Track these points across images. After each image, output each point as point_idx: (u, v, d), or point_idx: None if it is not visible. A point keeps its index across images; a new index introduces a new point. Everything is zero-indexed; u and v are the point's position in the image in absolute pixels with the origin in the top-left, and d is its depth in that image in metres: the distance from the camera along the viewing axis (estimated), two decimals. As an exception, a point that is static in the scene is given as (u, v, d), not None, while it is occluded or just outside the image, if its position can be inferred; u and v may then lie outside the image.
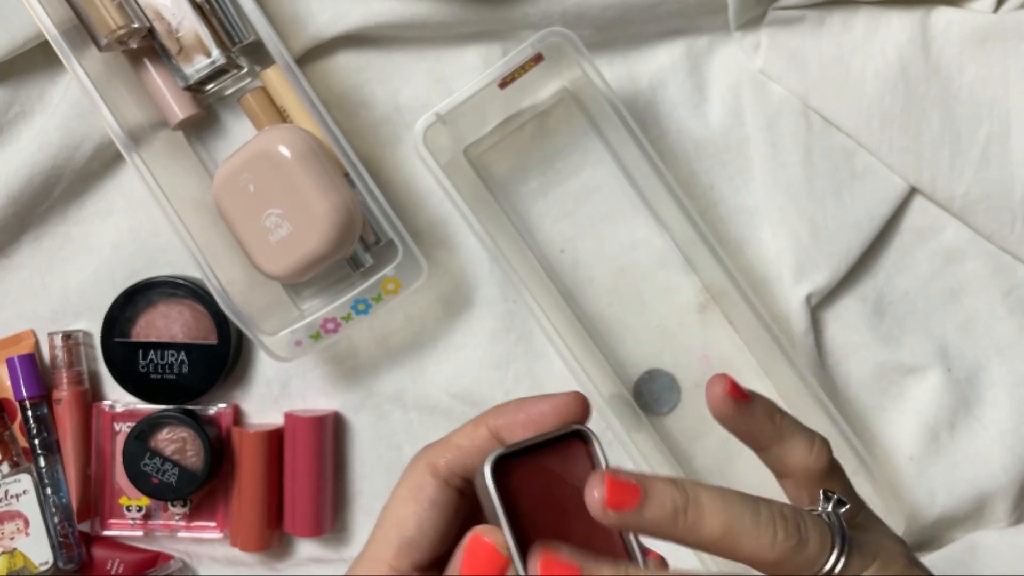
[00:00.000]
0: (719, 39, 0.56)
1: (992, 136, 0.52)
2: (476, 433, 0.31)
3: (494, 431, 0.31)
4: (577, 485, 0.29)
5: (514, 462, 0.29)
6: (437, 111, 0.50)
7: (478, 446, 0.30)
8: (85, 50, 0.51)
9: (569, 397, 0.31)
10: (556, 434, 0.29)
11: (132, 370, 0.57)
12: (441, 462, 0.30)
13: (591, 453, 0.30)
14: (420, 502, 0.30)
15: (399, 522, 0.30)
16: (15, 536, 0.58)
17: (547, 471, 0.29)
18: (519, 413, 0.30)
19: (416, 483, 0.30)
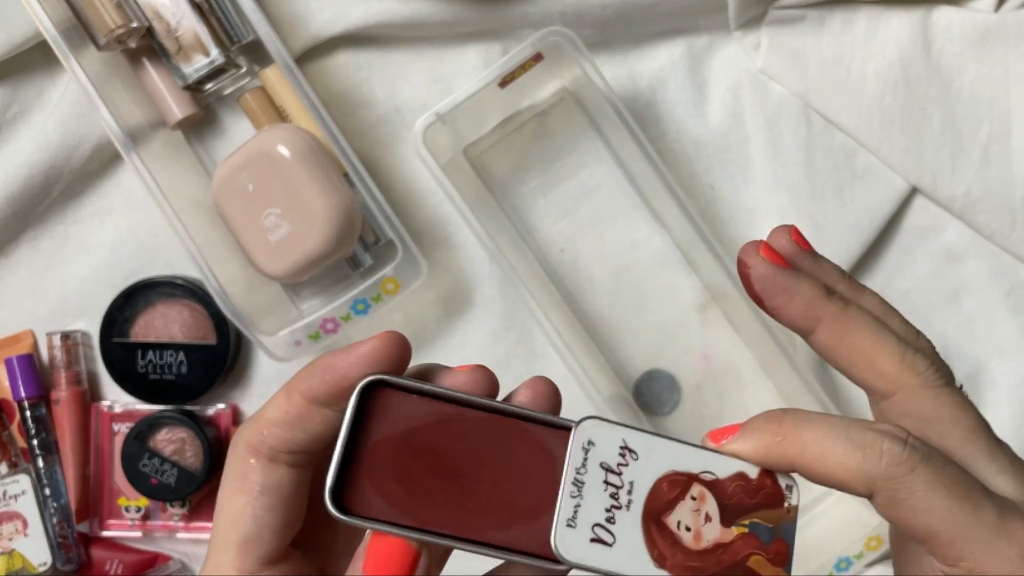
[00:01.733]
0: (719, 39, 0.56)
1: (993, 136, 0.52)
2: (289, 403, 0.27)
3: (308, 396, 0.26)
4: (424, 424, 0.26)
5: (349, 462, 0.25)
6: (437, 111, 0.50)
7: (294, 417, 0.27)
8: (84, 49, 0.51)
9: (378, 339, 0.27)
10: (353, 407, 0.25)
11: (131, 370, 0.57)
12: (258, 441, 0.27)
13: (402, 388, 0.26)
14: (248, 492, 0.27)
15: (233, 519, 0.27)
16: (13, 537, 0.58)
17: (386, 442, 0.26)
18: (327, 373, 0.26)
19: (239, 471, 0.27)
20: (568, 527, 0.25)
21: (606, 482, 0.26)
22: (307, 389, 0.27)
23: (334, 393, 0.26)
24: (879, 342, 0.27)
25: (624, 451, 0.26)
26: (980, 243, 0.55)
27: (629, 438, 0.26)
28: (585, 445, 0.26)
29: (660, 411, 0.57)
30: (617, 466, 0.26)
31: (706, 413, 0.57)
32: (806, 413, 0.26)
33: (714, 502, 0.26)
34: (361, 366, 0.26)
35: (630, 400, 0.56)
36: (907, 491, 0.24)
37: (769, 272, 0.28)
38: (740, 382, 0.57)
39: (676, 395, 0.57)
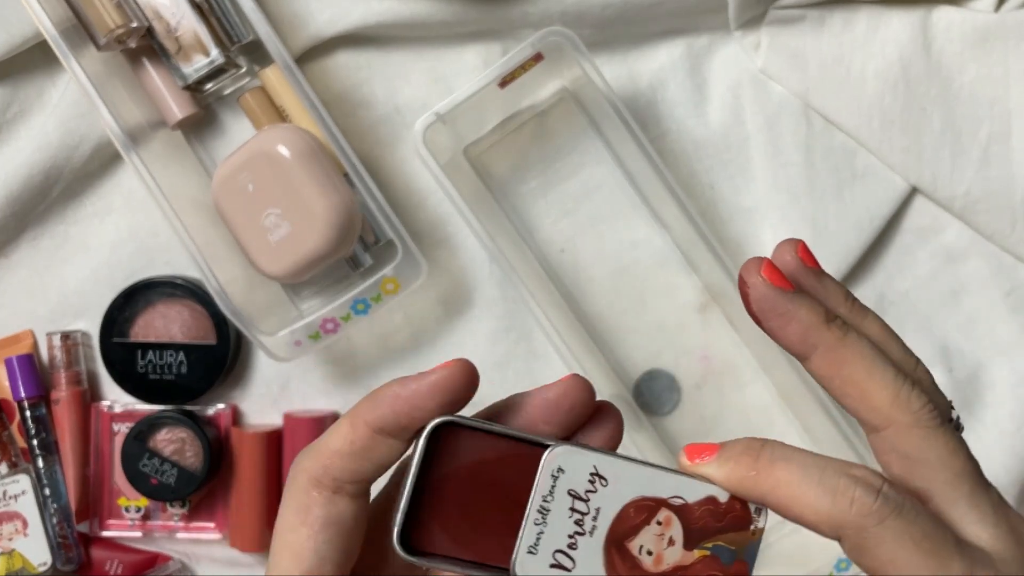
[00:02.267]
0: (719, 39, 0.56)
1: (993, 136, 0.52)
2: (355, 435, 0.26)
3: (375, 427, 0.26)
4: (482, 458, 0.26)
5: (419, 504, 0.26)
6: (437, 111, 0.50)
7: (359, 448, 0.26)
8: (84, 49, 0.51)
9: (450, 368, 0.26)
10: (422, 452, 0.26)
11: (131, 370, 0.57)
12: (322, 474, 0.26)
13: (465, 425, 0.26)
14: (311, 525, 0.26)
15: (295, 553, 0.26)
16: (13, 537, 0.58)
17: (449, 479, 0.26)
18: (397, 403, 0.26)
19: (301, 503, 0.26)
20: (529, 554, 0.26)
21: (572, 508, 0.26)
22: (374, 419, 0.26)
23: (404, 424, 0.26)
24: (874, 376, 0.26)
25: (594, 478, 0.26)
26: (980, 243, 0.55)
27: (601, 464, 0.26)
28: (554, 472, 0.26)
29: (660, 411, 0.57)
30: (585, 492, 0.26)
31: (706, 413, 0.57)
32: (784, 449, 0.26)
33: (679, 526, 0.27)
34: (433, 396, 0.26)
35: (630, 400, 0.56)
36: (874, 541, 0.24)
37: (768, 294, 0.28)
38: (740, 382, 0.57)
39: (676, 395, 0.57)
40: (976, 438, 0.55)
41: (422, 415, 0.26)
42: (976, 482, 0.26)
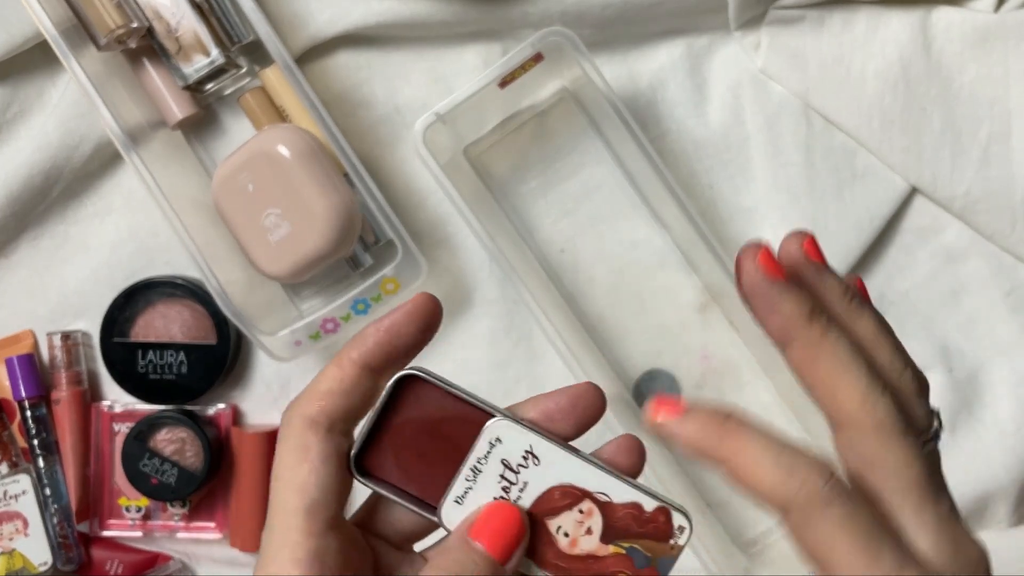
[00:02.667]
0: (719, 39, 0.56)
1: (993, 136, 0.52)
2: (344, 373, 0.29)
3: (360, 363, 0.29)
4: (439, 413, 0.29)
5: (376, 436, 0.29)
6: (437, 111, 0.50)
7: (349, 386, 0.29)
8: (84, 49, 0.51)
9: (417, 298, 0.30)
10: (388, 391, 0.29)
11: (131, 370, 0.57)
12: (316, 413, 0.29)
13: (431, 381, 0.30)
14: (311, 461, 0.28)
15: (298, 487, 0.28)
16: (14, 537, 0.58)
17: (407, 423, 0.29)
18: (376, 334, 0.29)
19: (299, 443, 0.29)
20: (455, 503, 0.29)
21: (502, 476, 0.29)
22: (360, 356, 0.29)
23: (387, 354, 0.29)
24: (844, 378, 0.27)
25: (528, 455, 0.29)
26: (980, 243, 0.55)
27: (536, 446, 0.29)
28: (492, 441, 0.29)
29: (660, 411, 0.57)
30: (517, 466, 0.29)
31: (706, 413, 0.57)
32: (748, 424, 0.27)
33: (600, 519, 0.29)
34: (409, 322, 0.29)
35: (630, 400, 0.56)
36: (814, 523, 0.25)
37: (757, 282, 0.28)
38: (740, 382, 0.57)
39: (676, 395, 0.57)
40: (976, 438, 0.55)
41: (402, 342, 0.29)
42: (927, 493, 0.27)
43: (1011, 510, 0.55)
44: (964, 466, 0.55)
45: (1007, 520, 0.55)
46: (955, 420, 0.55)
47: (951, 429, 0.55)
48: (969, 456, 0.55)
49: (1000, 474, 0.55)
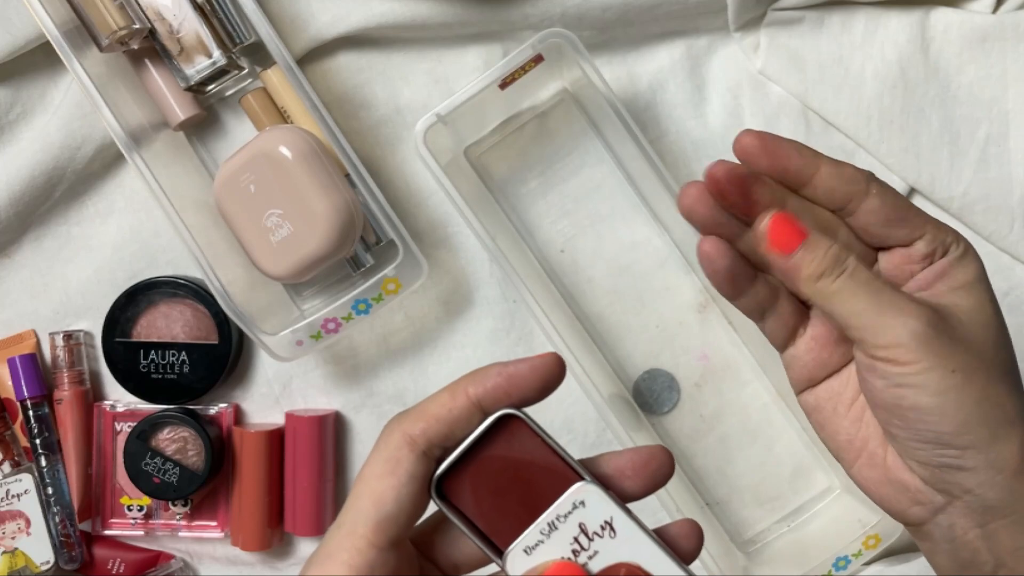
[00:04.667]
0: (719, 40, 0.56)
1: (991, 137, 0.52)
2: (455, 403, 0.30)
3: (474, 400, 0.30)
4: (529, 459, 0.30)
5: (463, 465, 0.30)
6: (437, 112, 0.51)
7: (456, 416, 0.30)
8: (86, 51, 0.51)
9: (547, 358, 0.30)
10: (487, 425, 0.30)
11: (133, 370, 0.57)
12: (418, 434, 0.29)
13: (530, 426, 0.30)
14: (398, 476, 0.29)
15: (377, 497, 0.29)
16: (16, 536, 0.58)
17: (495, 460, 0.30)
18: (498, 379, 0.30)
19: (392, 456, 0.29)
20: (524, 552, 0.29)
21: (576, 539, 0.29)
22: (476, 392, 0.30)
23: (500, 399, 0.30)
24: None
25: (606, 526, 0.29)
26: (978, 243, 0.55)
27: (616, 519, 0.29)
28: (576, 503, 0.29)
29: (659, 410, 0.57)
30: (592, 533, 0.29)
31: (705, 412, 0.57)
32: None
33: None
34: (532, 378, 0.30)
35: (629, 400, 0.57)
36: (840, 283, 0.31)
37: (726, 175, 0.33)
38: (739, 381, 0.57)
39: (675, 394, 0.57)
40: (974, 437, 0.55)
41: (520, 394, 0.30)
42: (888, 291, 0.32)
43: (1009, 509, 0.55)
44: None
45: (1005, 519, 0.55)
46: (953, 419, 0.55)
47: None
48: (967, 455, 0.55)
49: (998, 473, 0.55)
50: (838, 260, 0.31)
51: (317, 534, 0.58)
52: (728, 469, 0.56)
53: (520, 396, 0.30)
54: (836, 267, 0.31)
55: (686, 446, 0.57)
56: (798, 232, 0.32)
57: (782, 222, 0.32)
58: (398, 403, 0.58)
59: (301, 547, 0.60)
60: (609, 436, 0.57)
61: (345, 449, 0.59)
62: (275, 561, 0.60)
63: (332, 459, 0.58)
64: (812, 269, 0.32)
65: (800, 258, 0.32)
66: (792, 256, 0.32)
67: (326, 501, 0.58)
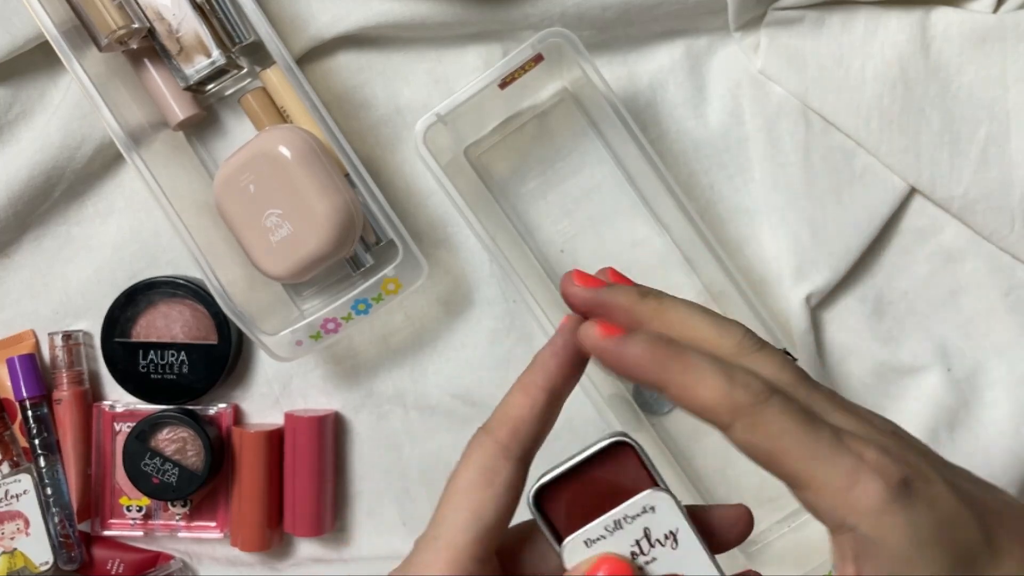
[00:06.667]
0: (719, 39, 0.56)
1: (991, 136, 0.52)
2: (532, 400, 0.30)
3: (548, 389, 0.30)
4: (627, 483, 0.30)
5: (564, 479, 0.30)
6: (437, 111, 0.51)
7: (539, 413, 0.30)
8: (85, 50, 0.51)
9: (569, 322, 0.31)
10: (600, 448, 0.30)
11: (132, 370, 0.57)
12: (509, 440, 0.29)
13: (636, 453, 0.30)
14: (496, 486, 0.29)
15: (477, 508, 0.29)
16: (15, 536, 0.58)
17: (594, 479, 0.30)
18: (554, 359, 0.30)
19: (488, 466, 0.29)
20: (584, 543, 0.29)
21: (638, 542, 0.29)
22: (545, 382, 0.30)
23: (568, 373, 0.30)
24: (697, 322, 0.29)
25: (670, 536, 0.29)
26: (979, 243, 0.55)
27: (682, 532, 0.29)
28: (647, 507, 0.29)
29: (659, 411, 0.57)
30: (655, 540, 0.29)
31: (706, 413, 0.57)
32: (687, 353, 0.28)
33: None
34: (572, 337, 0.30)
35: (630, 400, 0.57)
36: (764, 416, 0.26)
37: (587, 295, 0.31)
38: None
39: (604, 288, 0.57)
40: (974, 438, 0.55)
41: (578, 359, 0.30)
42: (808, 385, 0.29)
43: (1010, 509, 0.55)
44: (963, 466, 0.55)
45: (1006, 519, 0.55)
46: (953, 420, 0.55)
47: (949, 429, 0.56)
48: (967, 456, 0.55)
49: (998, 474, 0.55)
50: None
51: (317, 534, 0.57)
52: (728, 469, 0.56)
53: (579, 360, 0.30)
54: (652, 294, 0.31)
55: (686, 446, 0.57)
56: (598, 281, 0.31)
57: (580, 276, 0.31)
58: (397, 403, 0.58)
59: (300, 548, 0.60)
60: (609, 436, 0.57)
61: (345, 449, 0.59)
62: (274, 562, 0.60)
63: (332, 459, 0.58)
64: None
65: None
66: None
67: (326, 501, 0.58)
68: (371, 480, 0.59)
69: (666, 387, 0.27)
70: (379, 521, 0.59)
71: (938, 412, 0.55)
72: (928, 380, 0.56)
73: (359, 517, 0.59)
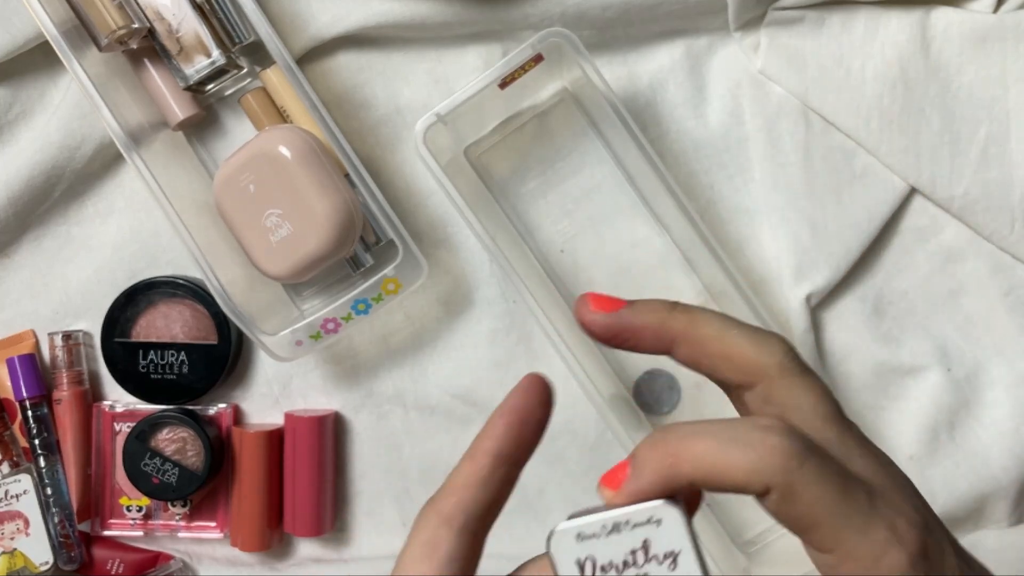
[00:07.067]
0: (719, 39, 0.56)
1: (991, 136, 0.52)
2: (478, 465, 0.29)
3: (494, 453, 0.29)
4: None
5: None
6: (437, 111, 0.51)
7: (484, 477, 0.28)
8: (85, 50, 0.51)
9: (527, 377, 0.30)
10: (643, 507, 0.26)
11: (132, 370, 0.57)
12: (451, 509, 0.28)
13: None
14: (436, 559, 0.28)
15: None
16: (15, 536, 0.58)
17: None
18: (502, 420, 0.29)
19: (428, 538, 0.28)
20: (575, 538, 0.26)
21: (633, 552, 0.26)
22: (491, 446, 0.29)
23: (518, 437, 0.29)
24: (733, 338, 0.28)
25: (670, 556, 0.26)
26: (979, 243, 0.55)
27: (684, 556, 0.26)
28: (652, 517, 0.26)
29: (659, 411, 0.57)
30: (652, 555, 0.26)
31: (706, 413, 0.57)
32: (687, 427, 0.26)
33: None
34: (528, 399, 0.29)
35: (630, 400, 0.56)
36: (801, 484, 0.24)
37: (609, 321, 0.29)
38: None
39: (675, 395, 0.57)
40: (975, 438, 0.55)
41: (531, 420, 0.29)
42: (843, 420, 0.28)
43: (1010, 510, 0.55)
44: (963, 466, 0.55)
45: (1006, 520, 0.55)
46: (953, 420, 0.55)
47: (949, 429, 0.56)
48: (968, 456, 0.55)
49: (999, 474, 0.55)
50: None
51: (316, 535, 0.57)
52: (728, 469, 0.56)
53: (531, 424, 0.29)
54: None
55: (686, 446, 0.57)
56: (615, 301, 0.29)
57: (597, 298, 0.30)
58: (397, 403, 0.58)
59: (300, 548, 0.60)
60: (609, 437, 0.57)
61: (345, 449, 0.59)
62: (274, 562, 0.60)
63: (332, 459, 0.58)
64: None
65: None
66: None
67: (325, 502, 0.58)
68: (371, 480, 0.59)
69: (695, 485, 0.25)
70: (379, 521, 0.59)
71: (938, 412, 0.55)
72: (928, 380, 0.56)
73: (359, 517, 0.59)
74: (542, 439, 0.30)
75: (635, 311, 0.29)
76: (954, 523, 0.56)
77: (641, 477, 0.26)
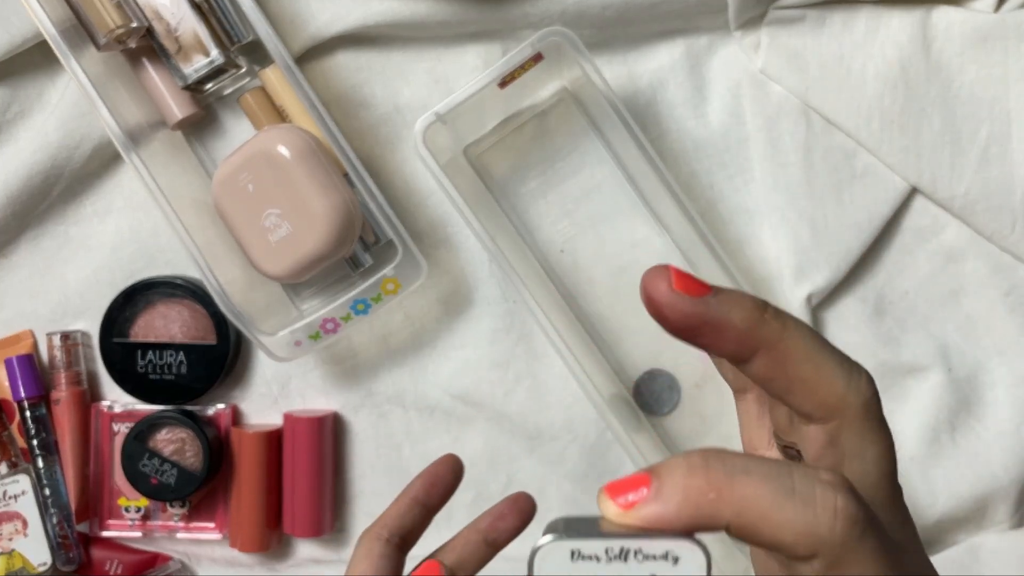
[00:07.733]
0: (719, 39, 0.56)
1: (992, 136, 0.52)
2: (399, 505, 0.38)
3: (412, 499, 0.38)
4: None
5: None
6: (437, 111, 0.50)
7: (402, 513, 0.38)
8: (84, 49, 0.51)
9: (444, 457, 0.40)
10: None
11: (131, 370, 0.57)
12: (379, 529, 0.37)
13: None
14: (372, 559, 0.36)
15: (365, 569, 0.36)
16: (13, 537, 0.58)
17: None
18: (419, 481, 0.39)
19: (365, 550, 0.37)
20: (569, 554, 0.23)
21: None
22: (412, 493, 0.39)
23: (431, 486, 0.39)
24: (822, 366, 0.23)
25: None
26: (979, 243, 0.55)
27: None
28: (669, 553, 0.22)
29: (660, 411, 0.57)
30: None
31: (706, 413, 0.57)
32: (736, 460, 0.22)
33: None
34: (446, 471, 0.40)
35: (630, 400, 0.56)
36: (855, 559, 0.21)
37: (690, 308, 0.24)
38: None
39: (676, 395, 0.57)
40: (975, 438, 0.55)
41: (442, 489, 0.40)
42: (896, 483, 0.25)
43: (1011, 511, 0.55)
44: (963, 466, 0.55)
45: (1007, 521, 0.55)
46: (954, 420, 0.55)
47: (950, 429, 0.55)
48: (968, 456, 0.55)
49: (999, 474, 0.55)
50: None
51: (316, 535, 0.57)
52: (729, 470, 0.56)
53: (442, 486, 0.39)
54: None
55: (686, 447, 0.57)
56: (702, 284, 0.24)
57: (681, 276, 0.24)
58: (397, 403, 0.58)
59: (300, 548, 0.60)
60: (609, 437, 0.57)
61: (344, 449, 0.59)
62: (273, 562, 0.59)
63: (331, 460, 0.58)
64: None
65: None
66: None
67: (325, 502, 0.57)
68: (371, 480, 0.59)
69: (727, 530, 0.22)
70: (378, 522, 0.59)
71: (939, 413, 0.55)
72: (929, 380, 0.55)
73: (359, 517, 0.59)
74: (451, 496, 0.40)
75: (724, 303, 0.23)
76: (955, 524, 0.56)
77: (668, 503, 0.21)
